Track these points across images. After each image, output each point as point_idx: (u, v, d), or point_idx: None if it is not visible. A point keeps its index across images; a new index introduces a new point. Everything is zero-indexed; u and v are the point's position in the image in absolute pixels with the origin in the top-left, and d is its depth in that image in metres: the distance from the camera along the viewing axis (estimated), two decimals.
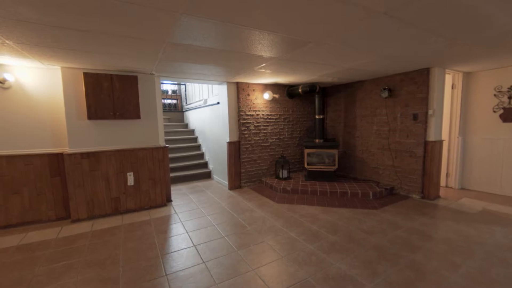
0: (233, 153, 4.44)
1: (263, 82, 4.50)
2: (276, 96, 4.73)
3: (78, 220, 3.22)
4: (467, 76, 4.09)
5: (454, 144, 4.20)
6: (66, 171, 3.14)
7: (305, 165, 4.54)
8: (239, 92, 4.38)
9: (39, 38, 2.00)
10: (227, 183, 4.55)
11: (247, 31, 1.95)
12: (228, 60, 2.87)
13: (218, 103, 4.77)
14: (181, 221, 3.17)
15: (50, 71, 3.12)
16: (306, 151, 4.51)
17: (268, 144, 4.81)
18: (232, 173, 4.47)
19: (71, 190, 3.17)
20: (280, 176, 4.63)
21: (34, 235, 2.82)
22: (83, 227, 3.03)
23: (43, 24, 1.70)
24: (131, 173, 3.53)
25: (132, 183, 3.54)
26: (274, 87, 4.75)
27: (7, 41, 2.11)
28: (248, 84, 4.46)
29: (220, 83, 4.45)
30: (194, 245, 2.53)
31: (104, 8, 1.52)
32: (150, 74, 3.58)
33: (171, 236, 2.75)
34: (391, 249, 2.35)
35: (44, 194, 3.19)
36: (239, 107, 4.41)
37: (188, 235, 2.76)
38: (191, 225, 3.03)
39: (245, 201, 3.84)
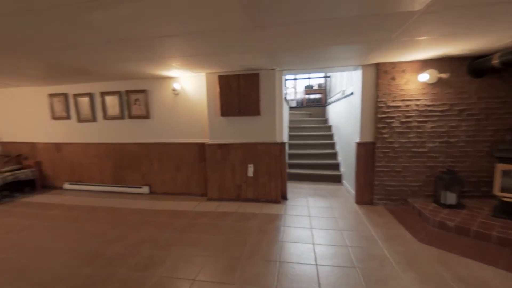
0: (364, 158, 3.44)
1: (420, 58, 3.05)
2: (444, 76, 3.04)
3: (212, 199, 3.90)
4: None
5: None
6: (206, 158, 3.87)
7: (496, 191, 2.61)
8: (378, 77, 3.27)
9: (180, 50, 2.53)
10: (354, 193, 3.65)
11: None
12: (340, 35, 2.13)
13: (352, 93, 3.88)
14: (283, 226, 2.90)
15: (198, 77, 3.91)
16: (501, 167, 2.57)
17: (424, 149, 3.26)
18: (361, 184, 3.50)
19: (209, 174, 3.88)
20: (442, 201, 3.01)
21: (182, 205, 3.72)
22: (211, 207, 3.60)
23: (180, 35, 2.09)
24: (251, 165, 3.72)
25: (251, 175, 3.74)
26: (439, 62, 3.08)
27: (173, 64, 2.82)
28: (393, 64, 3.21)
29: (355, 68, 3.57)
30: (278, 261, 2.19)
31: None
32: (271, 69, 3.51)
33: (261, 241, 2.55)
34: None
35: (195, 173, 4.14)
36: (377, 96, 3.30)
37: (279, 249, 2.43)
38: (287, 236, 2.67)
39: (370, 226, 2.85)
